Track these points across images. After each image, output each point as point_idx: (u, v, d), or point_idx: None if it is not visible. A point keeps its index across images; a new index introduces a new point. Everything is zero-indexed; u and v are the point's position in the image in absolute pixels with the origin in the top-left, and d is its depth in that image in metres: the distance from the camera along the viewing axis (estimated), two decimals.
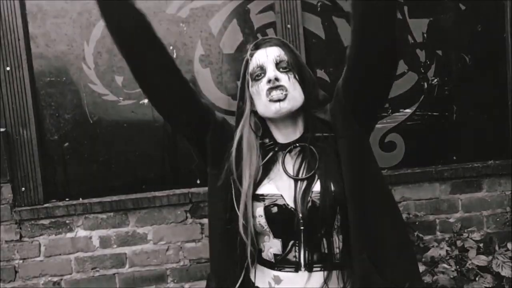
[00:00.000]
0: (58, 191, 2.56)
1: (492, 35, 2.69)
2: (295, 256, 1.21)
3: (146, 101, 2.57)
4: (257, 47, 1.31)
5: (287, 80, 1.24)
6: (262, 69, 1.26)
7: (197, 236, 2.58)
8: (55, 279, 2.55)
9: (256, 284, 1.28)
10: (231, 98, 2.57)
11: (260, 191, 1.24)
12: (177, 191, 2.54)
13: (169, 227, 2.57)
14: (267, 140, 1.30)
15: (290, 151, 1.28)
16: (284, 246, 1.21)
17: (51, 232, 2.53)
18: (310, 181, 1.21)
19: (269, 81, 1.23)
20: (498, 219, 2.71)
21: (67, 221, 2.53)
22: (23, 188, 2.49)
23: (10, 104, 2.46)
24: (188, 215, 2.56)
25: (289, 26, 2.54)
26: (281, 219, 1.20)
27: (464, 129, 2.70)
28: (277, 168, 1.27)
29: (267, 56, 1.27)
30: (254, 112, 1.31)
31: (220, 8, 2.57)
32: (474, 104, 2.70)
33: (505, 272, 2.39)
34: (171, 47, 2.55)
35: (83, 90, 2.54)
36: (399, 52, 1.33)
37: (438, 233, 2.68)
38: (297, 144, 1.27)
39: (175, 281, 2.59)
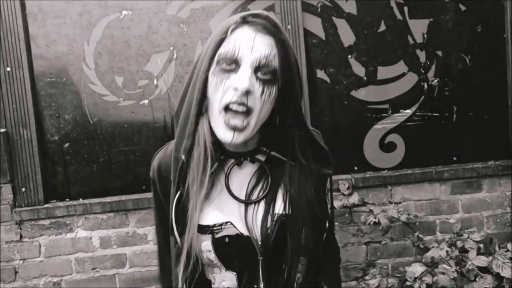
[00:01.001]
0: (58, 192, 2.56)
1: (492, 35, 2.69)
2: None
3: (146, 101, 2.57)
4: (243, 22, 0.95)
5: (258, 95, 0.92)
6: (236, 63, 0.92)
7: None
8: (55, 279, 2.55)
9: None
10: None
11: (201, 219, 0.99)
12: None
13: None
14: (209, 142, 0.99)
15: (239, 164, 1.02)
16: (239, 279, 1.02)
17: (51, 232, 2.53)
18: (268, 202, 1.00)
19: (235, 89, 0.91)
20: (498, 220, 2.71)
21: (67, 222, 2.53)
22: (23, 189, 2.49)
23: (10, 105, 2.47)
24: None
25: (289, 26, 2.54)
26: (235, 252, 1.00)
27: (464, 129, 2.70)
28: (219, 185, 1.02)
29: (251, 49, 0.91)
30: None
31: (220, 8, 2.57)
32: (474, 105, 2.70)
33: (505, 273, 2.39)
34: (171, 48, 2.56)
35: (83, 91, 2.54)
36: None
37: (438, 233, 2.68)
38: (252, 157, 1.02)
39: None
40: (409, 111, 2.67)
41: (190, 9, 2.57)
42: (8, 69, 2.45)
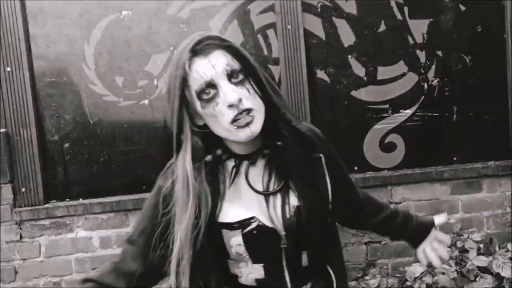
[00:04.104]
0: (58, 192, 2.56)
1: (492, 35, 2.69)
2: (280, 278, 1.11)
3: (146, 101, 2.57)
4: (194, 53, 1.03)
5: (247, 95, 1.02)
6: (212, 86, 1.02)
7: None
8: (55, 279, 2.55)
9: None
10: None
11: (229, 218, 1.09)
12: None
13: None
14: (219, 151, 1.10)
15: (253, 163, 1.11)
16: (266, 270, 1.11)
17: (51, 232, 2.53)
18: (283, 194, 1.09)
19: (230, 105, 1.00)
20: (498, 220, 2.71)
21: (67, 222, 2.53)
22: (23, 189, 2.49)
23: (10, 105, 2.47)
24: None
25: (289, 27, 2.54)
26: (262, 243, 1.09)
27: (464, 129, 2.70)
28: (237, 185, 1.11)
29: (213, 67, 1.01)
30: (195, 129, 1.07)
31: (221, 9, 2.57)
32: (474, 105, 2.69)
33: (505, 273, 2.39)
34: (171, 48, 2.56)
35: (83, 91, 2.55)
36: None
37: None
38: (261, 153, 1.11)
39: None
40: (409, 111, 2.67)
41: (190, 9, 2.57)
42: (8, 69, 2.45)
